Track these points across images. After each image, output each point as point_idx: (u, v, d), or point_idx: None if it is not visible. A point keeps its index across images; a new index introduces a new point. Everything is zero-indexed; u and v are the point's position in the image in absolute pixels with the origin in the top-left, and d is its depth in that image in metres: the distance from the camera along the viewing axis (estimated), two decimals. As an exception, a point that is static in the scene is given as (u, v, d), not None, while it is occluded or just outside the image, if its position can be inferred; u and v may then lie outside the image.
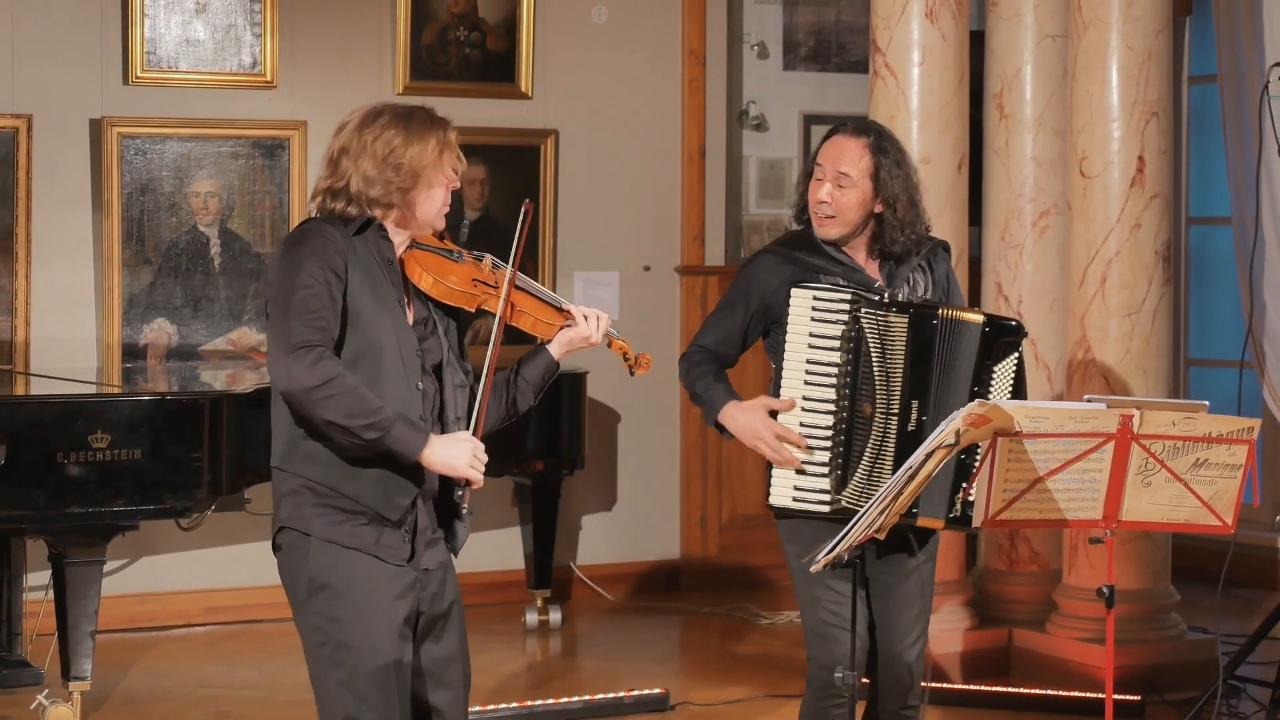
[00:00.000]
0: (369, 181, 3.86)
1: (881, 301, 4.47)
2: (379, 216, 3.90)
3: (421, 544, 3.94)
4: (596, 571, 8.56)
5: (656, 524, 8.75)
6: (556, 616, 7.93)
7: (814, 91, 8.98)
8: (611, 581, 8.55)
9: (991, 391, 4.48)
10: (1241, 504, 4.25)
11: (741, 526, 8.83)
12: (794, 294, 4.47)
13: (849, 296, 4.45)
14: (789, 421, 4.48)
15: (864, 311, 4.44)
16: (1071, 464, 4.13)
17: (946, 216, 6.65)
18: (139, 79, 7.71)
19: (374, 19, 8.15)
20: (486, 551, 8.14)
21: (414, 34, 8.14)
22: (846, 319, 4.44)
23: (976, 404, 3.98)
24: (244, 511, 7.02)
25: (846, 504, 4.42)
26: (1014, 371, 4.53)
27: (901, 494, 4.07)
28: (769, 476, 4.52)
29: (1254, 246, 7.22)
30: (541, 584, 7.89)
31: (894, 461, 4.40)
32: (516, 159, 8.29)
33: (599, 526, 8.64)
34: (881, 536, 4.18)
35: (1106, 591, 4.26)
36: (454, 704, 4.01)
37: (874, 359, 4.44)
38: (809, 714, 4.60)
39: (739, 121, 8.88)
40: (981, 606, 7.08)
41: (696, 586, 8.68)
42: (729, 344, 4.64)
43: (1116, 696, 4.68)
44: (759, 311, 4.59)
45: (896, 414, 4.44)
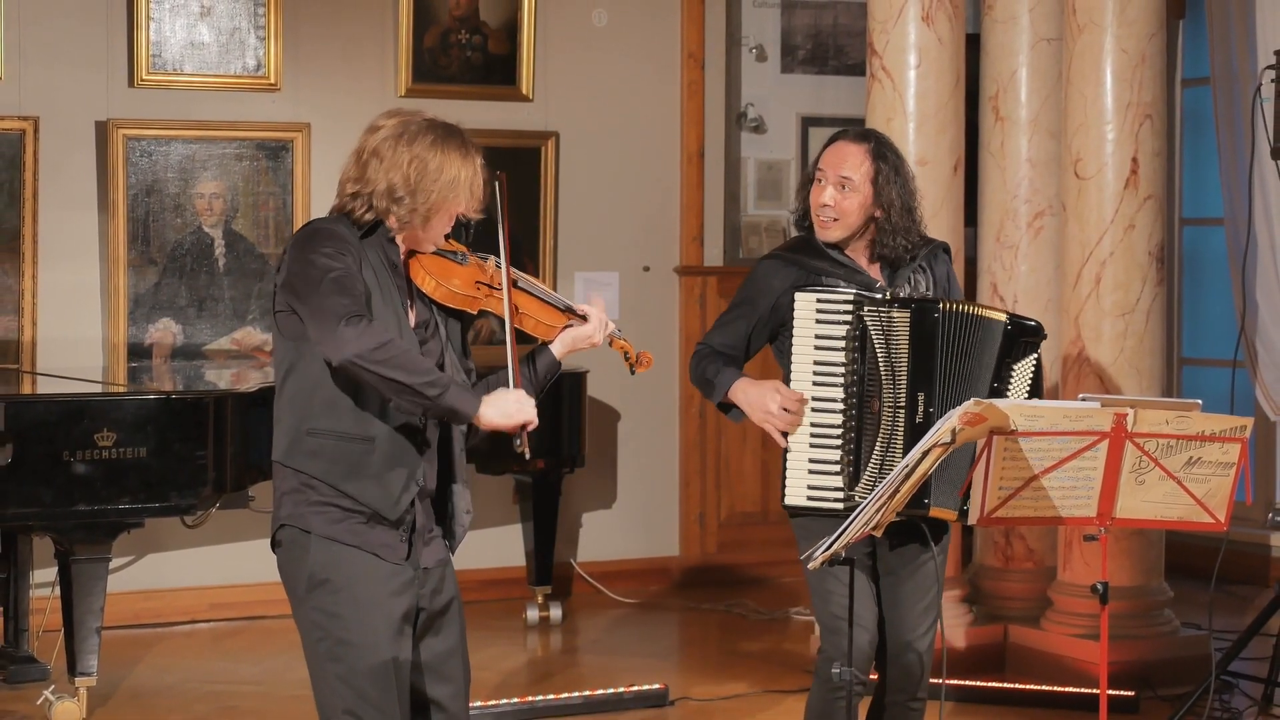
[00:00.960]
0: (395, 199, 3.88)
1: (883, 299, 4.51)
2: (389, 223, 3.92)
3: (420, 543, 3.97)
4: (597, 568, 8.56)
5: (656, 521, 8.75)
6: (557, 613, 7.92)
7: (811, 94, 8.96)
8: (611, 578, 8.53)
9: (1010, 389, 4.52)
10: (1234, 501, 4.27)
11: (739, 524, 8.84)
12: (798, 298, 4.52)
13: (851, 297, 4.50)
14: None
15: (867, 310, 4.49)
16: (1066, 462, 4.15)
17: (942, 217, 6.63)
18: (144, 81, 7.71)
19: (376, 22, 8.14)
20: (488, 548, 8.15)
21: (416, 37, 8.13)
22: (850, 319, 4.49)
23: (972, 403, 3.99)
24: (248, 509, 6.98)
25: (860, 499, 4.43)
26: (1033, 371, 4.58)
27: (898, 492, 4.09)
28: (784, 477, 4.55)
29: (1246, 247, 7.25)
30: (542, 581, 7.89)
31: (904, 455, 4.40)
32: (518, 160, 8.27)
33: (599, 524, 8.63)
34: (878, 534, 4.20)
35: (1101, 588, 4.28)
36: (455, 698, 4.03)
37: (879, 356, 4.48)
38: (816, 707, 4.62)
39: (737, 123, 8.85)
40: (977, 603, 7.09)
41: (695, 583, 8.67)
42: (735, 348, 4.67)
43: (1111, 692, 4.72)
44: (766, 315, 4.62)
45: (904, 407, 4.47)
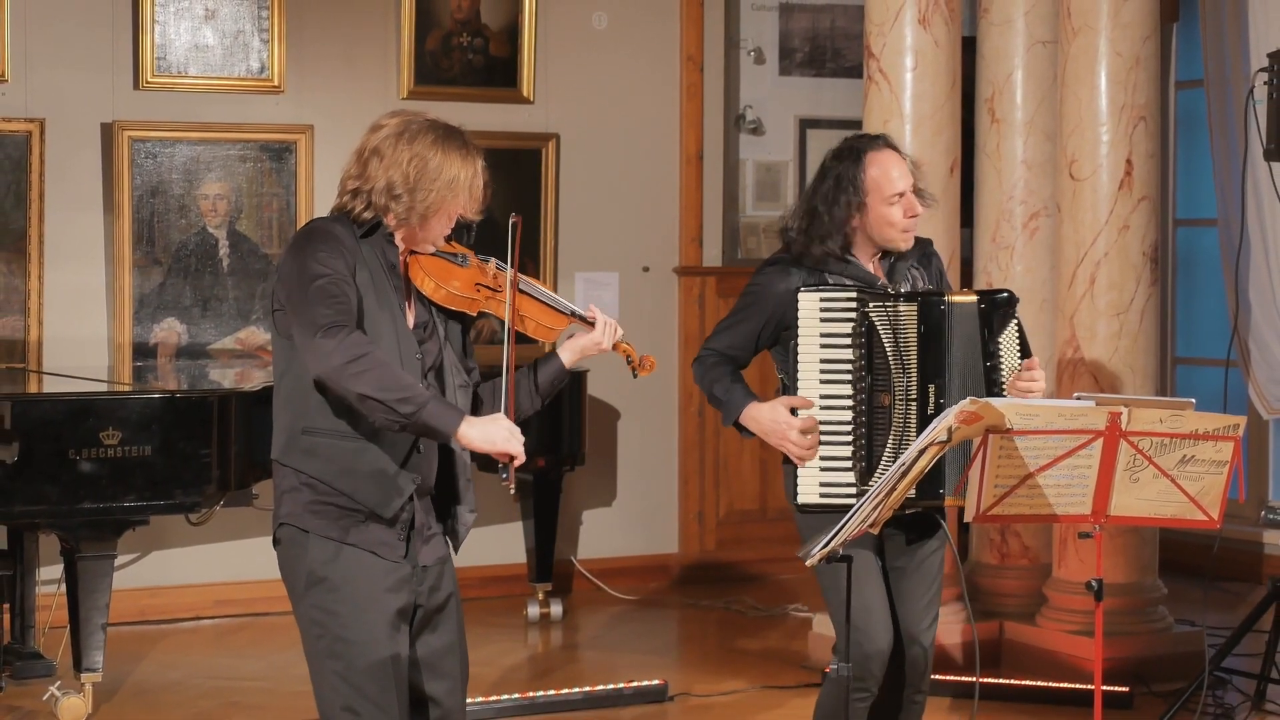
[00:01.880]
0: (393, 195, 3.89)
1: (887, 294, 4.54)
2: (389, 222, 3.93)
3: (418, 540, 3.96)
4: (597, 565, 8.57)
5: (655, 519, 8.76)
6: (557, 610, 7.94)
7: (809, 96, 8.96)
8: (611, 575, 8.54)
9: (1003, 363, 4.54)
10: (1227, 499, 4.29)
11: (738, 521, 8.86)
12: (801, 297, 4.54)
13: (855, 294, 4.52)
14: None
15: (872, 306, 4.51)
16: (1061, 460, 4.17)
17: (939, 219, 6.61)
18: (149, 84, 7.73)
19: (379, 25, 8.16)
20: (489, 546, 8.15)
21: (418, 40, 8.14)
22: (855, 315, 4.51)
23: (969, 401, 4.00)
24: (252, 507, 7.00)
25: None
26: (1017, 338, 4.60)
27: (895, 490, 4.10)
28: (794, 477, 4.56)
29: (1239, 248, 7.26)
30: (543, 578, 7.90)
31: None
32: (518, 162, 8.29)
33: (599, 521, 8.64)
34: (875, 531, 4.23)
35: (1095, 585, 4.29)
36: (451, 694, 4.04)
37: (887, 350, 4.50)
38: (828, 703, 4.65)
39: (736, 125, 8.86)
40: (973, 600, 7.09)
41: (694, 580, 8.68)
42: (741, 349, 4.68)
43: (1105, 688, 4.69)
44: (774, 316, 4.63)
45: (915, 399, 4.49)
